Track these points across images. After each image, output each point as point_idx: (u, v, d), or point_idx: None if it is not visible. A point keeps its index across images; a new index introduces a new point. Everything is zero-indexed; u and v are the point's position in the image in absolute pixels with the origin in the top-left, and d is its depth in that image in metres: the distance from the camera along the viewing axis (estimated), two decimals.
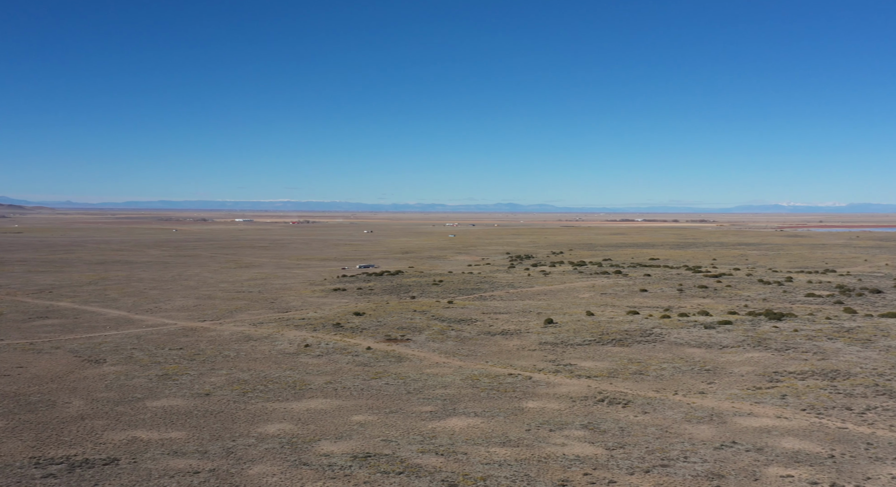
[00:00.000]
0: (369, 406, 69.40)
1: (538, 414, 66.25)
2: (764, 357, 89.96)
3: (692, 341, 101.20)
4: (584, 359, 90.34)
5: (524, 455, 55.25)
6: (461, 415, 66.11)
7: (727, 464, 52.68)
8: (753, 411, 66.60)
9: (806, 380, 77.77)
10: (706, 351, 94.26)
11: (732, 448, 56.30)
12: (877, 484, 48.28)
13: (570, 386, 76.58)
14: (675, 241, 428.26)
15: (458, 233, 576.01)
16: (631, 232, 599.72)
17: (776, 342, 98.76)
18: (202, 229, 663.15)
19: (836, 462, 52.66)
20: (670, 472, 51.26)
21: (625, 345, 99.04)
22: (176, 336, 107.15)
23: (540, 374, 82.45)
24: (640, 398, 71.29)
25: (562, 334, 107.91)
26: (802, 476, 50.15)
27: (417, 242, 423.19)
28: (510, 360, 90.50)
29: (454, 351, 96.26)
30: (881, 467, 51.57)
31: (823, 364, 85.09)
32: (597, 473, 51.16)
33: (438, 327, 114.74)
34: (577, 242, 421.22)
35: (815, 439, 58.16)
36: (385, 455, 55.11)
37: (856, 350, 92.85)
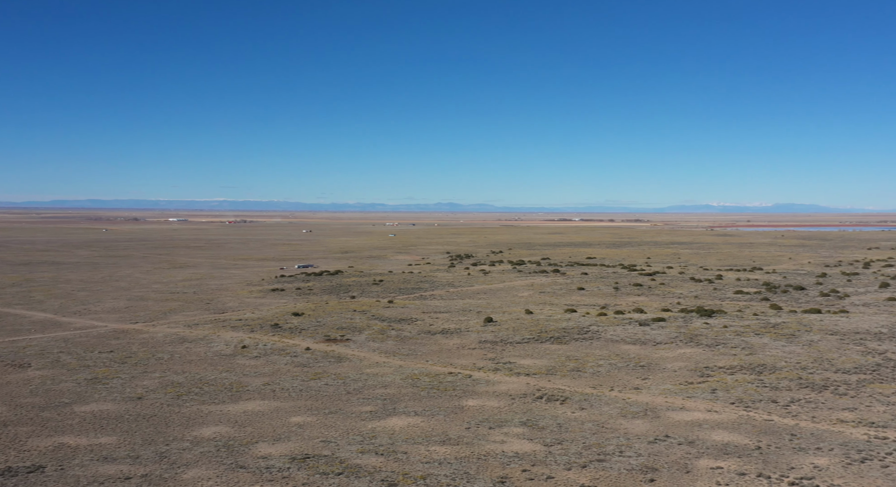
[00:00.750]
0: (308, 407, 68.64)
1: (478, 412, 66.70)
2: (695, 353, 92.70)
3: (628, 338, 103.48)
4: (523, 357, 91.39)
5: (464, 453, 55.56)
6: (401, 414, 66.03)
7: (660, 458, 54.09)
8: (685, 405, 68.55)
9: (735, 375, 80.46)
10: (641, 348, 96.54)
11: (665, 441, 57.83)
12: (799, 473, 50.33)
13: (510, 384, 77.35)
14: (612, 240, 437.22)
15: (398, 233, 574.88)
16: (569, 232, 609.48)
17: (707, 338, 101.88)
18: (134, 228, 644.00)
19: (762, 454, 54.65)
20: (606, 466, 52.33)
21: (563, 343, 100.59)
22: (106, 339, 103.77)
23: (480, 372, 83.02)
24: (578, 395, 72.54)
25: (501, 332, 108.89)
26: (731, 467, 51.88)
27: (357, 241, 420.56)
28: (450, 359, 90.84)
29: (394, 351, 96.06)
30: (804, 457, 53.78)
31: (751, 359, 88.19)
32: (535, 469, 51.83)
33: (378, 326, 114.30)
34: (516, 241, 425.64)
35: (743, 431, 60.23)
36: (324, 456, 54.60)
37: (781, 345, 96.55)
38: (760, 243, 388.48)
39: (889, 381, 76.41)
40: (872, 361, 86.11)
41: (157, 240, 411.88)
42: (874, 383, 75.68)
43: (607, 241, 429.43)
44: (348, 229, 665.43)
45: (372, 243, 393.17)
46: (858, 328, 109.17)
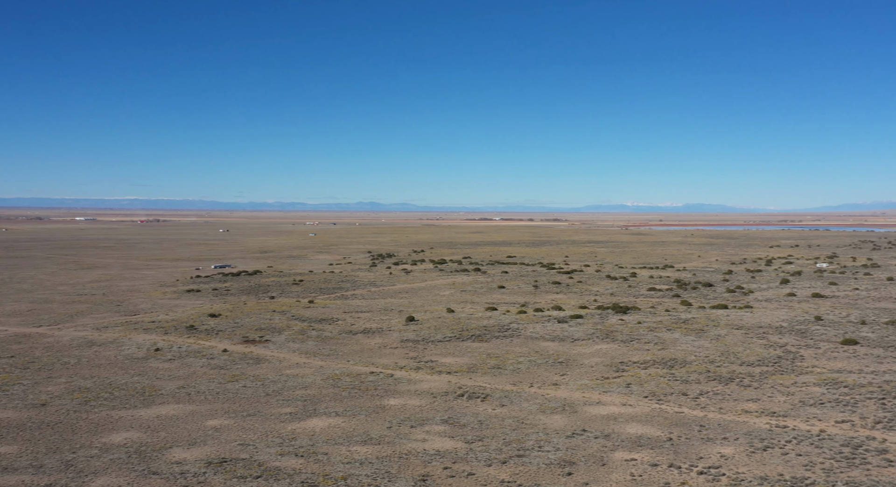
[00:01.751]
0: (225, 410, 66.97)
1: (399, 411, 66.65)
2: (611, 349, 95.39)
3: (547, 335, 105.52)
4: (445, 355, 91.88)
5: (385, 452, 55.42)
6: (322, 415, 65.29)
7: (578, 451, 55.42)
8: (602, 400, 70.46)
9: (648, 369, 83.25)
10: (559, 344, 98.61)
11: (583, 435, 59.28)
12: (707, 463, 52.54)
13: (431, 382, 77.63)
14: (531, 239, 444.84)
15: (318, 232, 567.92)
16: (489, 231, 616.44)
17: (622, 334, 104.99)
18: (37, 227, 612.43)
19: (673, 445, 56.76)
20: (526, 462, 53.22)
21: (484, 340, 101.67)
22: (6, 344, 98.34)
23: (401, 371, 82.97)
24: (499, 392, 73.47)
25: (423, 331, 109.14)
26: (644, 459, 53.67)
27: (277, 241, 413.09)
28: (372, 358, 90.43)
29: (315, 351, 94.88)
30: (711, 446, 56.18)
31: (663, 354, 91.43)
32: (456, 466, 52.21)
33: (299, 327, 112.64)
34: (437, 240, 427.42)
35: (656, 424, 62.39)
36: (242, 460, 53.40)
37: (691, 340, 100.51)
38: (672, 242, 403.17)
39: (789, 372, 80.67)
40: (774, 354, 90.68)
41: (62, 240, 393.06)
42: (775, 374, 79.74)
43: (527, 240, 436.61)
44: (267, 229, 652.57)
45: (292, 243, 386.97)
46: (761, 322, 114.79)
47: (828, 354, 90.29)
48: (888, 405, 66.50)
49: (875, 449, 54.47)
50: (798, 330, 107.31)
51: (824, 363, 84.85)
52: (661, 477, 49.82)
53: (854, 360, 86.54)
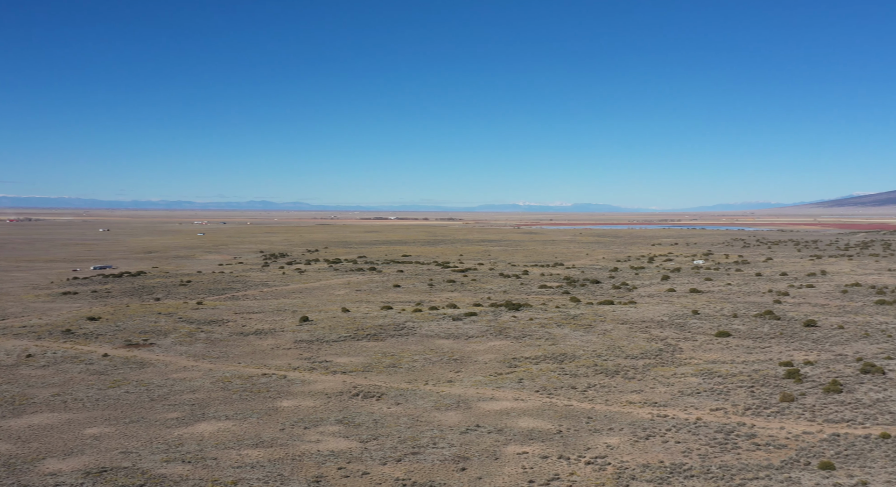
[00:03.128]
0: (106, 418, 63.62)
1: (293, 413, 65.46)
2: (504, 345, 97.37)
3: (441, 332, 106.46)
4: (340, 355, 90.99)
5: (278, 454, 54.29)
6: (211, 419, 63.19)
7: (472, 447, 56.26)
8: (495, 395, 71.81)
9: (539, 364, 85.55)
10: (454, 342, 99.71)
11: (476, 431, 60.22)
12: (595, 453, 54.60)
13: (326, 383, 76.69)
14: (426, 238, 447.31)
15: (207, 231, 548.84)
16: (385, 230, 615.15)
17: (514, 331, 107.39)
18: None
19: (563, 437, 58.63)
20: (420, 459, 53.52)
21: (379, 339, 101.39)
22: None
23: (295, 372, 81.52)
24: (394, 390, 73.49)
25: (317, 331, 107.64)
26: (535, 451, 55.15)
27: (162, 241, 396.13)
28: (264, 360, 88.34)
29: (204, 354, 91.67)
30: (598, 437, 58.42)
31: (553, 349, 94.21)
32: (351, 466, 51.84)
33: (186, 329, 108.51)
34: (332, 240, 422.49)
35: (546, 417, 64.23)
36: (124, 468, 50.89)
37: (579, 335, 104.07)
38: (562, 241, 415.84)
39: (669, 364, 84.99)
40: (656, 347, 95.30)
41: None
42: (657, 366, 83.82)
43: (422, 239, 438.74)
44: (152, 228, 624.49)
45: (179, 243, 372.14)
46: (644, 317, 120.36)
47: (704, 346, 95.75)
48: (756, 392, 71.25)
49: (745, 434, 58.26)
50: (677, 324, 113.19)
51: (701, 355, 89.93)
52: (551, 469, 51.34)
53: (727, 351, 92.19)
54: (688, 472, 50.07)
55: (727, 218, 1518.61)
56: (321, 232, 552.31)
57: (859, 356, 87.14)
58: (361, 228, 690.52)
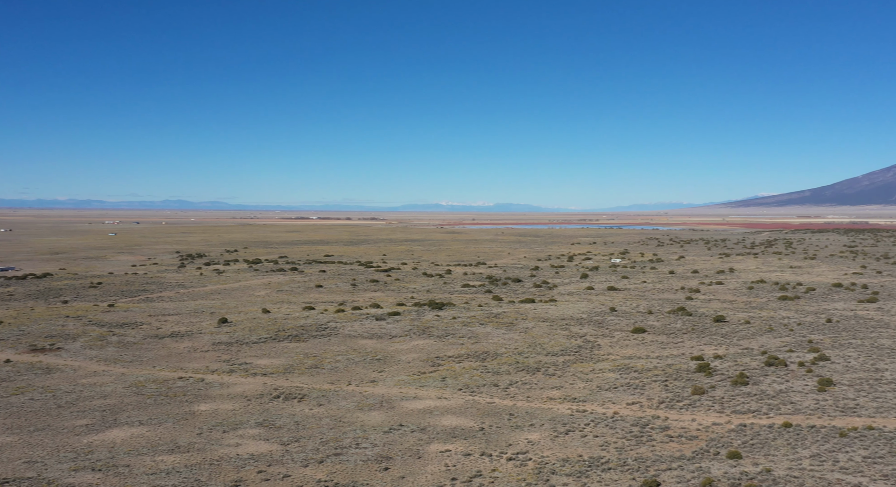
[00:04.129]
0: (8, 426, 60.35)
1: (211, 416, 63.78)
2: (428, 344, 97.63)
3: (365, 332, 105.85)
4: (260, 357, 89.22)
5: (195, 459, 52.79)
6: (123, 425, 60.87)
7: (395, 446, 56.19)
8: (418, 394, 71.93)
9: (462, 362, 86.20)
10: (377, 342, 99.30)
11: (400, 430, 60.18)
12: (516, 449, 55.45)
13: (246, 385, 75.06)
14: (349, 238, 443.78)
15: (119, 232, 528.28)
16: (307, 230, 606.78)
17: (438, 330, 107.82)
18: None
19: (485, 434, 59.26)
20: (343, 459, 53.08)
21: (301, 340, 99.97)
22: None
23: (213, 375, 79.44)
24: (316, 392, 72.60)
25: (237, 333, 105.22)
26: (458, 449, 55.55)
27: (70, 241, 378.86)
28: (181, 363, 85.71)
29: (116, 358, 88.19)
30: (520, 433, 59.34)
31: (476, 347, 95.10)
32: (271, 469, 50.91)
33: (97, 332, 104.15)
34: (252, 240, 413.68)
35: (469, 415, 64.79)
36: (27, 479, 48.42)
37: (502, 333, 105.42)
38: (484, 240, 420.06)
39: (588, 360, 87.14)
40: (575, 343, 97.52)
41: None
42: (576, 363, 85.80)
43: (345, 239, 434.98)
44: (59, 228, 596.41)
45: (88, 243, 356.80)
46: (564, 314, 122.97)
47: (621, 342, 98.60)
48: (670, 386, 73.90)
49: (659, 427, 60.34)
50: (596, 321, 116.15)
51: (618, 351, 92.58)
52: (473, 466, 51.82)
53: (642, 347, 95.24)
54: (605, 465, 51.48)
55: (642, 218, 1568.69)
56: (240, 232, 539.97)
57: (764, 349, 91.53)
58: (282, 227, 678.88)
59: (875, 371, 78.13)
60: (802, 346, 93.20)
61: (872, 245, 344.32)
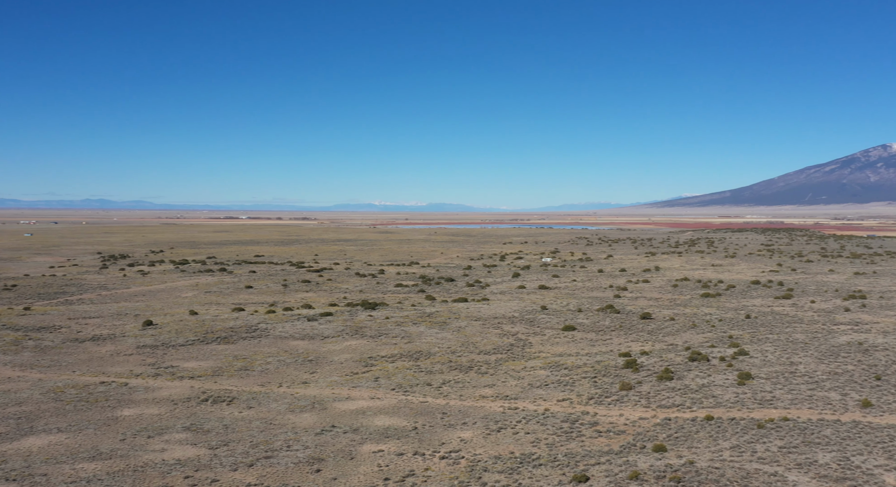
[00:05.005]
0: None
1: (135, 422, 61.78)
2: (360, 344, 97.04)
3: (296, 333, 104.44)
4: (188, 360, 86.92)
5: (118, 466, 51.03)
6: (40, 433, 58.31)
7: (327, 447, 55.65)
8: (351, 395, 71.44)
9: (395, 362, 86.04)
10: (309, 343, 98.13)
11: (332, 431, 59.64)
12: (449, 448, 55.71)
13: (172, 389, 72.99)
14: (280, 238, 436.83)
15: (36, 232, 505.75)
16: (236, 230, 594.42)
17: (371, 330, 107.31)
18: None
19: (418, 433, 59.33)
20: (273, 462, 52.25)
21: (230, 342, 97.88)
22: None
23: (138, 379, 76.95)
24: (246, 394, 71.23)
25: (162, 335, 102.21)
26: (391, 449, 55.43)
27: None
28: (103, 367, 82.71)
29: (32, 363, 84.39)
30: (453, 432, 59.65)
31: (409, 347, 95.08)
32: (199, 474, 49.68)
33: (11, 337, 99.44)
34: (178, 240, 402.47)
35: (402, 414, 64.74)
36: None
37: (435, 332, 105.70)
38: (417, 240, 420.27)
39: (519, 358, 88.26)
40: (507, 342, 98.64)
41: None
42: (508, 361, 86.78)
43: (275, 239, 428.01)
44: None
45: (2, 244, 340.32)
46: (497, 313, 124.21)
47: (552, 340, 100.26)
48: (599, 382, 75.59)
49: (588, 422, 61.65)
50: (527, 319, 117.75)
51: (549, 348, 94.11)
52: (406, 466, 51.81)
53: (572, 344, 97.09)
54: (536, 461, 52.27)
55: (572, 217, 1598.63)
56: (166, 232, 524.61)
57: (688, 345, 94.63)
58: (211, 227, 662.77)
59: (790, 365, 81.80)
60: (723, 341, 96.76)
61: (787, 244, 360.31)
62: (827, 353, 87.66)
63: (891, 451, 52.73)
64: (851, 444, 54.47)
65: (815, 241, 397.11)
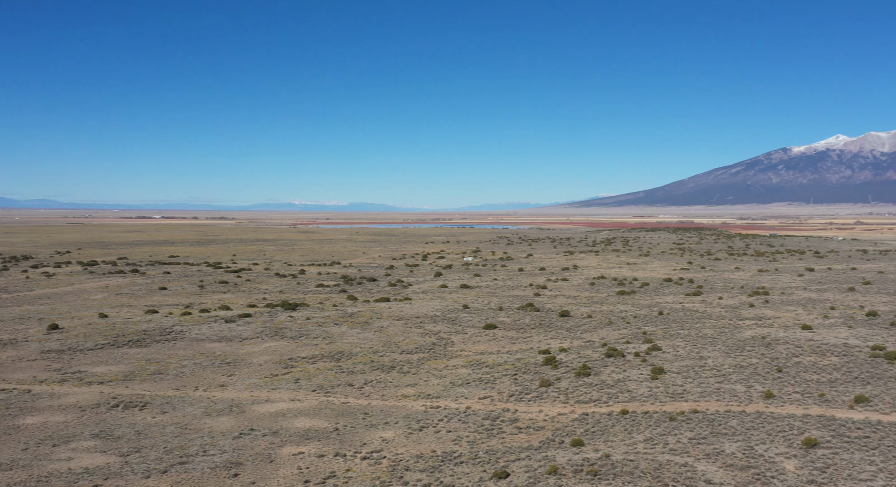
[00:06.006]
0: None
1: (39, 430, 58.83)
2: (280, 346, 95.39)
3: (213, 335, 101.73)
4: (97, 364, 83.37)
5: (19, 477, 48.47)
6: None
7: (245, 451, 54.46)
8: (270, 397, 70.14)
9: (316, 363, 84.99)
10: (227, 345, 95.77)
11: (250, 435, 58.40)
12: (370, 448, 55.47)
13: (80, 395, 69.85)
14: (196, 238, 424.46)
15: None
16: (149, 229, 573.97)
17: (291, 331, 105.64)
18: None
19: (339, 434, 58.81)
20: (189, 468, 50.76)
21: (143, 346, 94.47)
22: None
23: (42, 386, 73.27)
24: (160, 399, 68.91)
25: (69, 339, 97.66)
26: (311, 451, 54.75)
27: None
28: (3, 374, 78.36)
29: None
30: (375, 432, 59.42)
31: (331, 347, 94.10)
32: (109, 482, 47.76)
33: None
34: (87, 240, 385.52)
35: (323, 416, 64.03)
36: None
37: (357, 332, 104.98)
38: (339, 240, 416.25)
39: (441, 357, 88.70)
40: (429, 341, 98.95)
41: None
42: (431, 360, 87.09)
43: (191, 239, 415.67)
44: None
45: None
46: (419, 312, 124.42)
47: (473, 338, 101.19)
48: (519, 379, 76.79)
49: (509, 419, 62.55)
50: (449, 318, 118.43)
51: (470, 347, 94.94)
52: (327, 467, 51.28)
53: (493, 342, 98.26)
54: (458, 459, 52.66)
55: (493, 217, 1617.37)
56: (73, 232, 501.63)
57: (604, 341, 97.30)
58: (122, 227, 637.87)
59: (700, 359, 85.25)
60: (638, 337, 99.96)
61: (697, 243, 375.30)
62: (733, 347, 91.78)
63: (790, 439, 55.71)
64: (755, 434, 57.23)
65: (722, 240, 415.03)
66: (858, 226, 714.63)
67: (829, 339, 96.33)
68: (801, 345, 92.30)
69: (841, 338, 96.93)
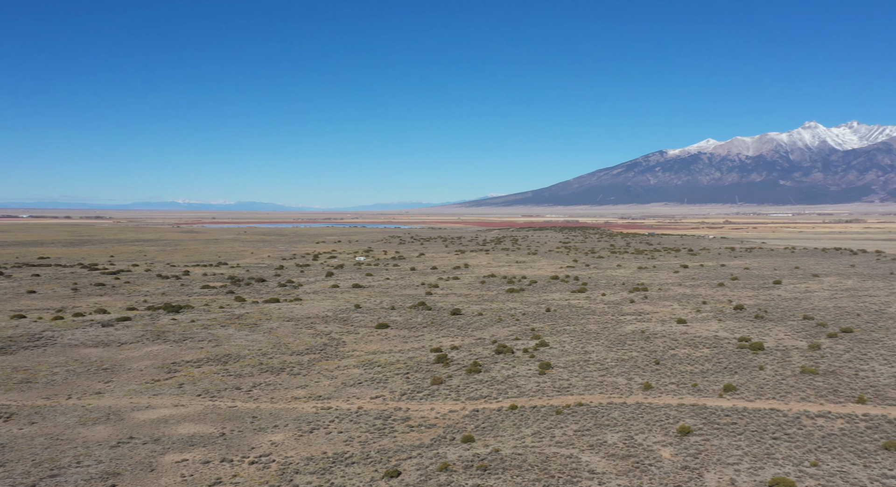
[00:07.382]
0: None
1: None
2: (163, 350, 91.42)
3: (88, 341, 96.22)
4: None
5: None
6: None
7: (124, 461, 51.87)
8: (152, 403, 67.11)
9: (202, 367, 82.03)
10: (104, 350, 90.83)
11: (130, 443, 55.67)
12: (259, 452, 54.14)
13: None
14: (69, 238, 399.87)
15: None
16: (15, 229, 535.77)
17: (174, 334, 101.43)
18: None
19: (226, 439, 57.04)
20: (60, 481, 47.78)
21: (9, 353, 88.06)
22: None
23: None
24: (27, 409, 64.48)
25: None
26: (196, 457, 52.81)
27: None
28: None
29: None
30: (263, 436, 58.04)
31: (217, 350, 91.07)
32: None
33: None
34: None
35: (209, 420, 61.90)
36: None
37: (245, 334, 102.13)
38: (225, 239, 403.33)
39: (333, 358, 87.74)
40: (321, 341, 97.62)
41: None
42: (322, 361, 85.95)
43: (64, 239, 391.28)
44: None
45: None
46: (310, 313, 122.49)
47: (365, 338, 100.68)
48: (411, 378, 77.10)
49: (400, 418, 62.69)
50: (341, 318, 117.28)
51: (362, 347, 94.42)
52: (212, 473, 49.64)
53: (386, 342, 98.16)
54: (349, 459, 52.28)
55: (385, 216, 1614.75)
56: None
57: (494, 338, 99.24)
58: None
59: (584, 354, 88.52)
60: (526, 334, 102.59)
61: (582, 241, 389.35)
62: (615, 341, 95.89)
63: (667, 428, 58.83)
64: (635, 424, 60.05)
65: (605, 238, 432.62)
66: (727, 225, 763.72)
67: (701, 332, 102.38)
68: (677, 338, 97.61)
69: (712, 331, 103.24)
